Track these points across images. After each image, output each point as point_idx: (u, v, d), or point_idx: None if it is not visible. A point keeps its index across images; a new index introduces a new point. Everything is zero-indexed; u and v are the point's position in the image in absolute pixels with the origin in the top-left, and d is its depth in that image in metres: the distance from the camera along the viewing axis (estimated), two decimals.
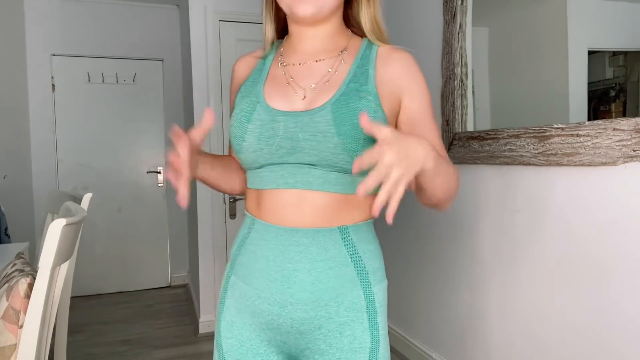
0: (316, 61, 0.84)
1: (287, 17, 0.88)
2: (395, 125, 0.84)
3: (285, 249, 0.79)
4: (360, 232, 0.82)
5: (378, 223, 0.88)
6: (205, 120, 0.74)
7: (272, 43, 0.93)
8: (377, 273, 0.83)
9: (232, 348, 0.84)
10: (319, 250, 0.78)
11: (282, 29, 0.94)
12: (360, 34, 0.89)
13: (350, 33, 0.89)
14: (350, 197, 0.80)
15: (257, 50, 0.94)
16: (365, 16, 0.86)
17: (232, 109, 0.91)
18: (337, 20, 0.86)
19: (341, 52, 0.85)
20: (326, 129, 0.75)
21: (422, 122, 0.83)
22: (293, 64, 0.86)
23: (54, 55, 3.53)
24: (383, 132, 0.63)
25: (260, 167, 0.81)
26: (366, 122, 0.64)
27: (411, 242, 2.32)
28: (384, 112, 0.79)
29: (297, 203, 0.79)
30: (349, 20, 0.90)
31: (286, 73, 0.85)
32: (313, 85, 0.81)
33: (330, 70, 0.83)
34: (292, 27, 0.87)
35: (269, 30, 0.91)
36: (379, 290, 0.83)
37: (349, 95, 0.78)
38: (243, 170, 0.93)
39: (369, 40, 0.87)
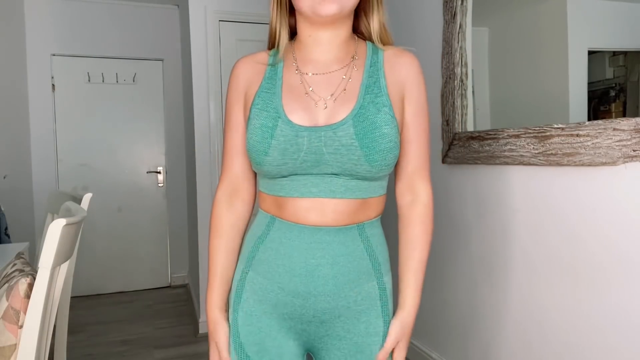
0: (330, 72, 0.87)
1: (298, 22, 0.89)
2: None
3: (309, 246, 0.84)
4: (373, 227, 0.89)
5: (381, 222, 0.92)
6: None
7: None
8: (386, 264, 0.91)
9: (250, 333, 0.88)
10: (340, 247, 0.84)
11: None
12: (364, 37, 0.92)
13: (356, 38, 0.91)
14: (366, 200, 0.86)
15: (258, 54, 0.93)
16: (376, 21, 0.89)
17: (229, 112, 0.92)
18: (349, 24, 0.88)
19: (352, 59, 0.88)
20: (349, 143, 0.80)
21: (414, 130, 0.88)
22: (310, 73, 0.87)
23: (54, 55, 3.53)
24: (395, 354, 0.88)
25: (283, 177, 0.85)
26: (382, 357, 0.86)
27: None
28: (396, 119, 0.84)
29: (320, 209, 0.84)
30: (355, 25, 0.92)
31: (304, 82, 0.86)
32: (332, 94, 0.85)
33: (344, 77, 0.86)
34: (306, 32, 0.88)
35: (284, 36, 0.90)
36: (389, 280, 0.90)
37: (367, 108, 0.82)
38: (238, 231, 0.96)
39: (373, 45, 0.90)
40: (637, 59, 1.41)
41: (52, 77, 3.53)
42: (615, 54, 1.46)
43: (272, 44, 0.93)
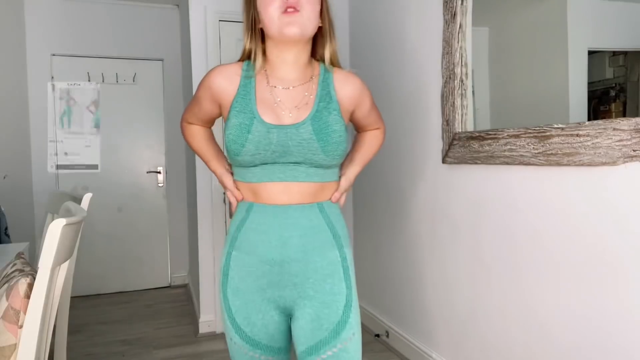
0: (294, 87, 1.09)
1: (268, 45, 1.09)
2: (351, 118, 1.20)
3: (282, 222, 1.06)
4: (331, 207, 1.13)
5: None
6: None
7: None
8: (346, 239, 1.13)
9: (239, 309, 1.09)
10: (306, 221, 1.07)
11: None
12: (318, 60, 1.15)
13: (313, 61, 1.14)
14: (323, 184, 1.10)
15: (231, 65, 1.13)
16: (328, 49, 1.12)
17: (199, 97, 1.15)
18: (308, 49, 1.10)
19: (311, 78, 1.11)
20: (309, 137, 1.03)
21: (369, 115, 1.24)
22: (279, 87, 1.09)
23: (54, 55, 3.53)
24: (342, 197, 1.19)
25: (255, 165, 1.06)
26: (334, 198, 1.14)
27: (411, 242, 2.32)
28: (343, 118, 1.10)
29: (287, 191, 1.06)
30: (313, 51, 1.15)
31: (273, 94, 1.08)
32: (296, 105, 1.07)
33: (306, 94, 1.09)
34: (274, 53, 1.08)
35: (260, 56, 1.10)
36: (349, 252, 1.13)
37: (321, 112, 1.07)
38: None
39: (325, 66, 1.14)
40: (637, 59, 1.41)
41: (52, 77, 3.53)
42: (615, 54, 1.46)
43: (243, 59, 1.13)
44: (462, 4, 1.83)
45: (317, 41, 1.14)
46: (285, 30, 1.01)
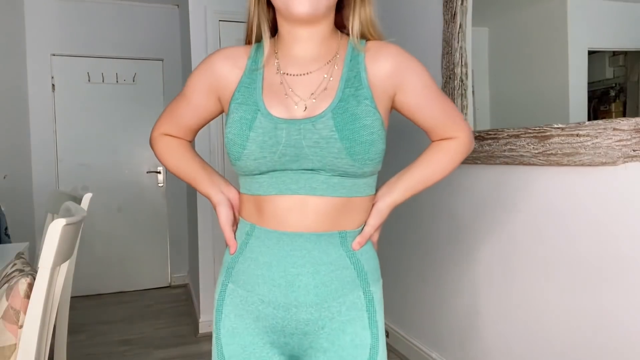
0: (310, 72, 0.84)
1: (277, 16, 0.86)
2: (400, 111, 0.90)
3: (288, 254, 0.81)
4: (357, 236, 0.85)
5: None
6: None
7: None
8: (374, 273, 0.87)
9: (234, 354, 0.85)
10: (321, 255, 0.81)
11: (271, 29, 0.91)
12: (348, 33, 0.89)
13: (339, 34, 0.88)
14: (352, 200, 0.82)
15: (238, 48, 0.90)
16: (356, 19, 0.85)
17: (191, 86, 0.91)
18: (329, 22, 0.85)
19: (335, 56, 0.85)
20: (329, 135, 0.77)
21: (428, 107, 0.88)
22: (290, 74, 0.84)
23: (54, 55, 3.53)
24: (373, 237, 0.90)
25: (261, 173, 0.82)
26: (357, 245, 0.84)
27: (411, 242, 2.32)
28: (380, 112, 0.81)
29: (300, 208, 0.80)
30: (339, 21, 0.90)
31: (284, 83, 0.84)
32: (312, 93, 0.82)
33: (325, 76, 0.83)
34: (284, 28, 0.85)
35: (267, 30, 0.87)
36: (377, 290, 0.87)
37: (347, 100, 0.79)
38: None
39: (354, 40, 0.86)
40: (637, 59, 1.41)
41: (52, 77, 3.53)
42: (615, 54, 1.46)
43: (249, 40, 0.90)
44: (462, 4, 1.83)
45: (344, 6, 0.88)
46: (292, 7, 0.79)
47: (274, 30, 0.90)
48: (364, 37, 0.87)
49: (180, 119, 0.95)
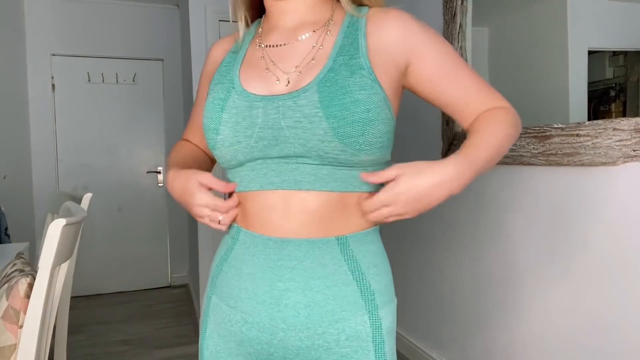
0: (298, 39, 0.71)
1: None
2: (419, 90, 0.74)
3: (275, 264, 0.66)
4: (363, 242, 0.69)
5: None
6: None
7: (248, 24, 0.81)
8: (385, 293, 0.69)
9: None
10: (315, 266, 0.65)
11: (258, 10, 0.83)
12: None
13: (334, 2, 0.75)
14: (347, 196, 0.67)
15: (236, 33, 0.81)
16: None
17: (198, 89, 0.85)
18: None
19: (326, 23, 0.71)
20: (312, 113, 0.62)
21: (448, 79, 0.70)
22: (273, 45, 0.72)
23: (54, 55, 3.53)
24: (390, 173, 0.61)
25: (240, 164, 0.69)
26: (365, 176, 0.64)
27: (412, 242, 2.32)
28: (382, 87, 0.65)
29: (284, 207, 0.66)
30: None
31: (265, 56, 0.72)
32: (297, 67, 0.68)
33: (315, 45, 0.69)
34: (268, 2, 0.75)
35: (241, 8, 0.78)
36: (388, 314, 0.69)
37: (337, 71, 0.64)
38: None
39: (354, 7, 0.73)
40: (637, 59, 1.41)
41: (52, 77, 3.53)
42: (615, 54, 1.46)
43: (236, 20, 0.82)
44: (462, 4, 1.83)
45: None
46: None
47: (263, 10, 0.81)
48: (362, 4, 0.74)
49: (193, 121, 0.88)
